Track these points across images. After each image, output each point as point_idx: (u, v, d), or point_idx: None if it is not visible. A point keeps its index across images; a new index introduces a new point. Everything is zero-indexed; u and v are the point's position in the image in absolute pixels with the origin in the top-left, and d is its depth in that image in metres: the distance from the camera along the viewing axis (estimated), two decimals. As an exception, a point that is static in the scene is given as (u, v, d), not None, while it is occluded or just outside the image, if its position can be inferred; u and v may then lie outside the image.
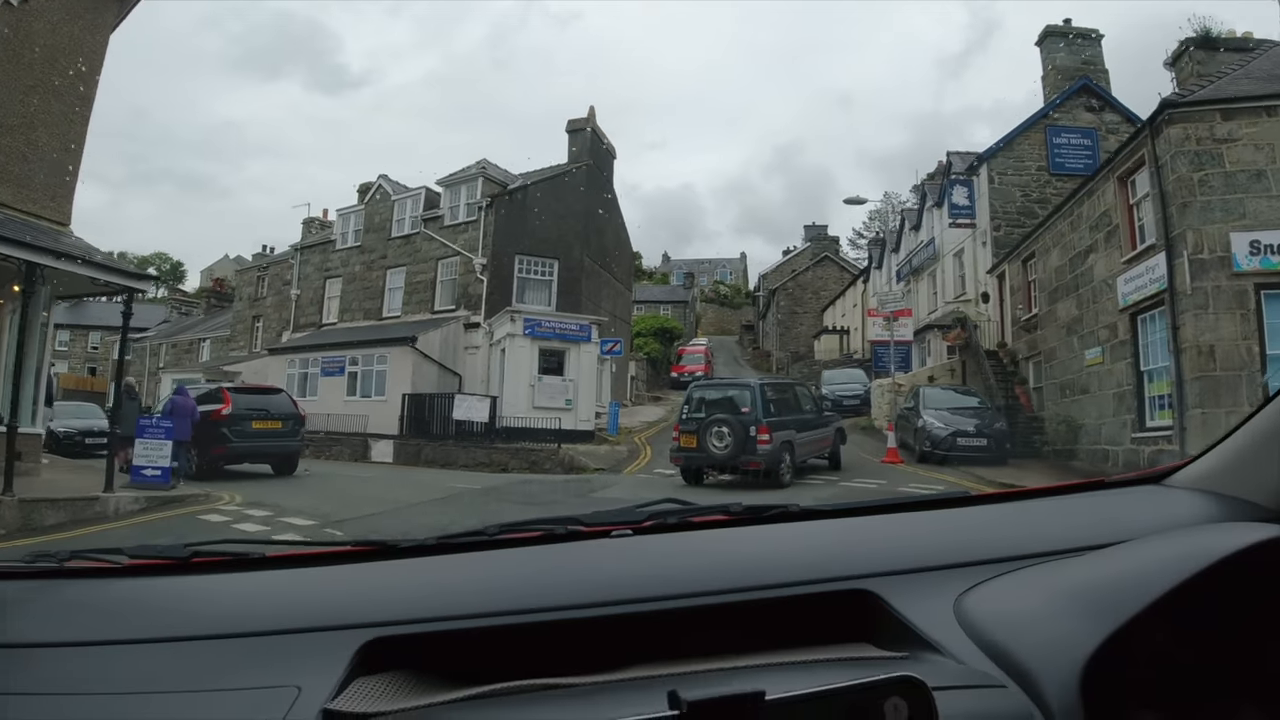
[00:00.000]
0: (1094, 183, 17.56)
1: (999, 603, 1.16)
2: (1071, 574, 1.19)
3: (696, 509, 1.62)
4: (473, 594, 1.23)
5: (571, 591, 1.21)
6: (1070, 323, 18.58)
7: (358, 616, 1.16)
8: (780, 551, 1.39)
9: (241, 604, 1.26)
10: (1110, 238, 16.71)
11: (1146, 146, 15.18)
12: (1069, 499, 1.65)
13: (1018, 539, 1.37)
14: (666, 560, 1.34)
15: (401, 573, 1.38)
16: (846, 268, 55.45)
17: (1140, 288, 15.36)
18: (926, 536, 1.46)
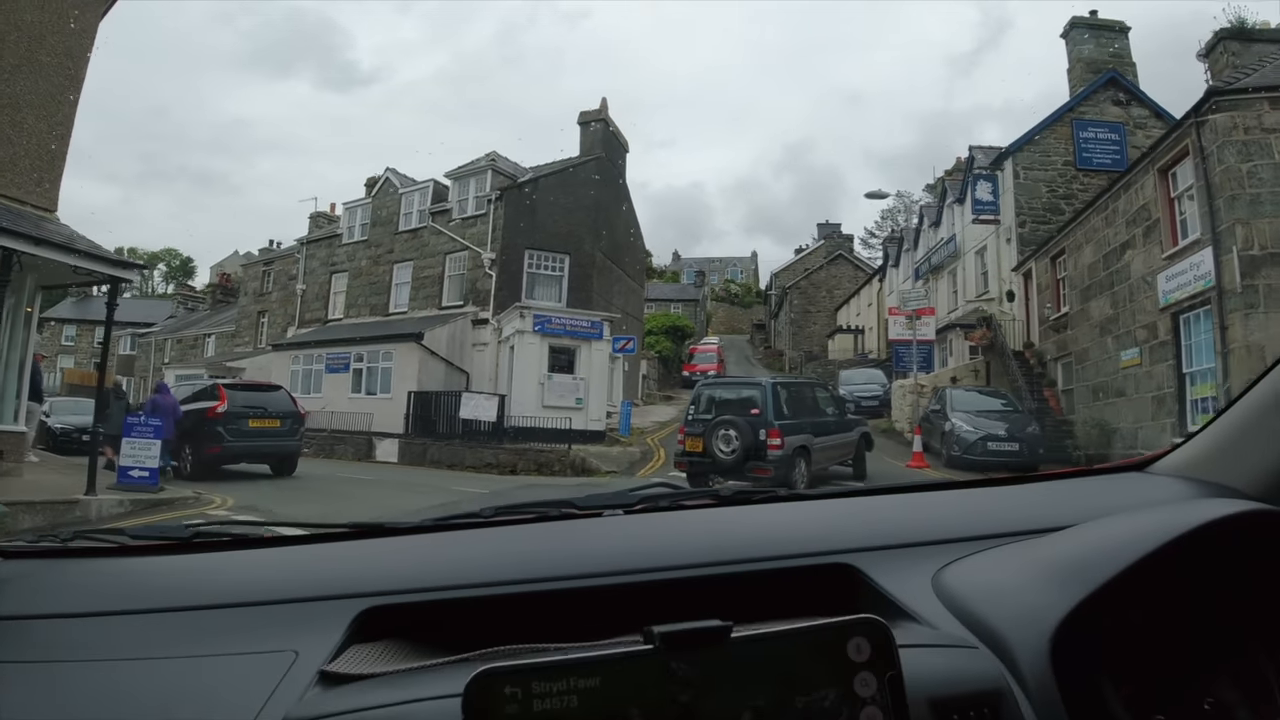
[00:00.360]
0: (1132, 175, 16.78)
1: (975, 576, 1.18)
2: (1047, 549, 1.21)
3: (687, 493, 1.65)
4: (467, 567, 1.25)
5: (563, 564, 1.22)
6: (1104, 322, 17.80)
7: (355, 587, 1.18)
8: (766, 529, 1.41)
9: (242, 577, 1.27)
10: (1150, 233, 15.94)
11: (1191, 137, 14.44)
12: (1052, 484, 1.70)
13: (998, 519, 1.40)
14: (656, 536, 1.37)
15: (399, 547, 1.41)
16: (861, 266, 54.75)
17: (1183, 285, 14.61)
18: (908, 516, 1.48)
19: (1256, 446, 1.37)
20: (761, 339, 64.87)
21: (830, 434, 14.44)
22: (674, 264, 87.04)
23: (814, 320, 52.89)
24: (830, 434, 14.44)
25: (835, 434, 14.72)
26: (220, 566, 1.35)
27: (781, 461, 12.56)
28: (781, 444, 12.60)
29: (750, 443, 12.57)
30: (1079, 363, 19.36)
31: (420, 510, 10.88)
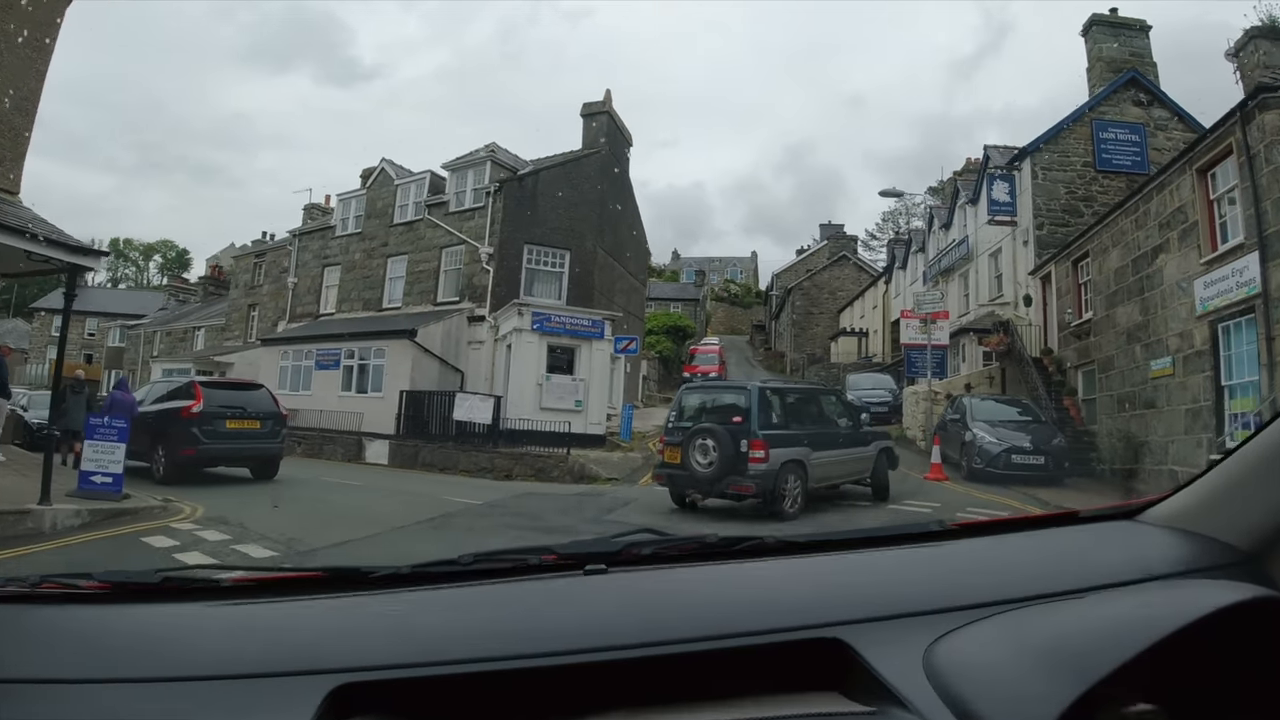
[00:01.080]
0: (1166, 176, 15.89)
1: (967, 655, 1.15)
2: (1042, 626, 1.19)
3: (671, 540, 1.61)
4: (443, 637, 1.21)
5: (543, 637, 1.18)
6: (1132, 329, 16.91)
7: (328, 660, 1.14)
8: (754, 594, 1.36)
9: (211, 641, 1.22)
10: (1185, 236, 15.05)
11: (1235, 135, 13.55)
12: (1042, 535, 1.67)
13: (990, 583, 1.37)
14: (640, 603, 1.33)
15: (373, 609, 1.34)
16: (865, 268, 53.99)
17: (1224, 292, 13.74)
18: (899, 579, 1.43)
19: (1253, 501, 1.37)
20: (762, 340, 64.14)
21: (837, 448, 12.70)
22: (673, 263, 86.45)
23: (816, 322, 52.08)
24: (837, 448, 12.70)
25: (844, 448, 12.91)
26: (190, 625, 1.28)
27: (765, 477, 11.04)
28: (765, 457, 11.08)
29: (730, 455, 11.09)
30: (1103, 371, 18.49)
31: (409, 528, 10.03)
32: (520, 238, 24.27)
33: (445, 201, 26.04)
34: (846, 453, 12.93)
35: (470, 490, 14.34)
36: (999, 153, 25.74)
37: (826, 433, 12.68)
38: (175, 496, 11.59)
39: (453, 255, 25.65)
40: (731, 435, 11.17)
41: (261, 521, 9.71)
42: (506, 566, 1.48)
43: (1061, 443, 16.33)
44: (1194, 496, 1.49)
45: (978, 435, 16.31)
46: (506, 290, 23.53)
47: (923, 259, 34.28)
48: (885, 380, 28.49)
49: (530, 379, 20.76)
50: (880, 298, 42.74)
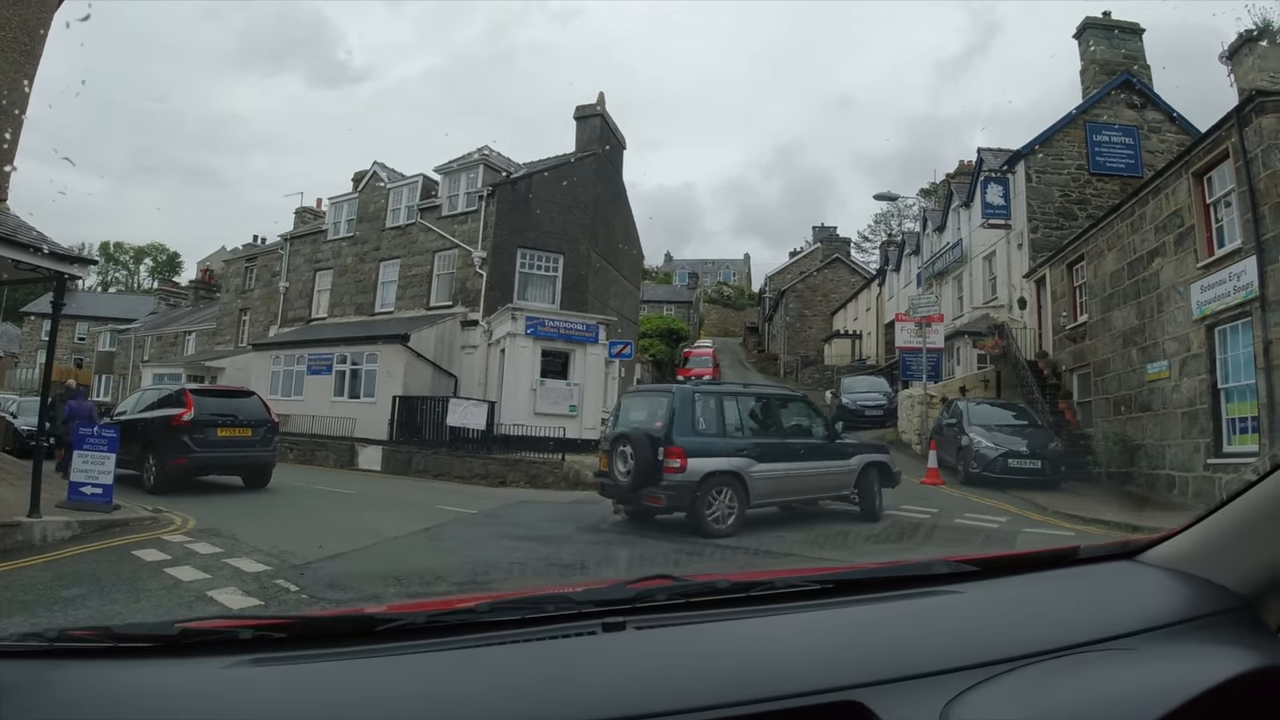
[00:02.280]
0: (1162, 179, 15.85)
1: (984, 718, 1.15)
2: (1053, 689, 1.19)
3: (684, 587, 1.61)
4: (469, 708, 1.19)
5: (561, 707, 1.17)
6: (1128, 333, 16.88)
7: None
8: (772, 655, 1.36)
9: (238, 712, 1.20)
10: (1182, 240, 15.02)
11: (1232, 139, 13.52)
12: (1047, 579, 1.68)
13: (1001, 637, 1.38)
14: (658, 668, 1.31)
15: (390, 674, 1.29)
16: (858, 270, 53.99)
17: (1220, 296, 13.71)
18: (912, 635, 1.44)
19: (1253, 548, 1.41)
20: (755, 342, 64.10)
21: (795, 460, 11.43)
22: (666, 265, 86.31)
23: (810, 324, 52.06)
24: (795, 460, 11.43)
25: (805, 460, 11.57)
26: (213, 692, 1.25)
27: (681, 489, 10.19)
28: (681, 466, 10.23)
29: (645, 463, 10.34)
30: (1098, 374, 18.46)
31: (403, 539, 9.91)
32: (513, 241, 24.11)
33: (438, 205, 25.88)
34: (810, 466, 11.61)
35: (464, 498, 14.22)
36: (993, 155, 25.72)
37: (784, 444, 11.49)
38: (166, 507, 11.44)
39: (446, 259, 25.50)
40: (651, 442, 10.45)
41: (253, 533, 9.57)
42: (522, 617, 1.47)
43: (1058, 446, 16.29)
44: (1195, 540, 1.53)
45: (974, 439, 16.26)
46: (500, 294, 23.37)
47: (916, 261, 34.28)
48: (880, 383, 28.40)
49: (524, 384, 20.63)
50: (874, 300, 42.75)
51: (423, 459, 19.70)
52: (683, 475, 10.21)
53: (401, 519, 11.43)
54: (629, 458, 10.62)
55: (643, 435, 10.58)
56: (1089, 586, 1.61)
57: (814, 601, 1.61)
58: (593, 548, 9.60)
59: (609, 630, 1.42)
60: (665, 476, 10.26)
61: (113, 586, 6.90)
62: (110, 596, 6.53)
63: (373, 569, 8.04)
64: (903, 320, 23.34)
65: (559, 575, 7.95)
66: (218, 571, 7.52)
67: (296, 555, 8.31)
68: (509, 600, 1.53)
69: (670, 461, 10.27)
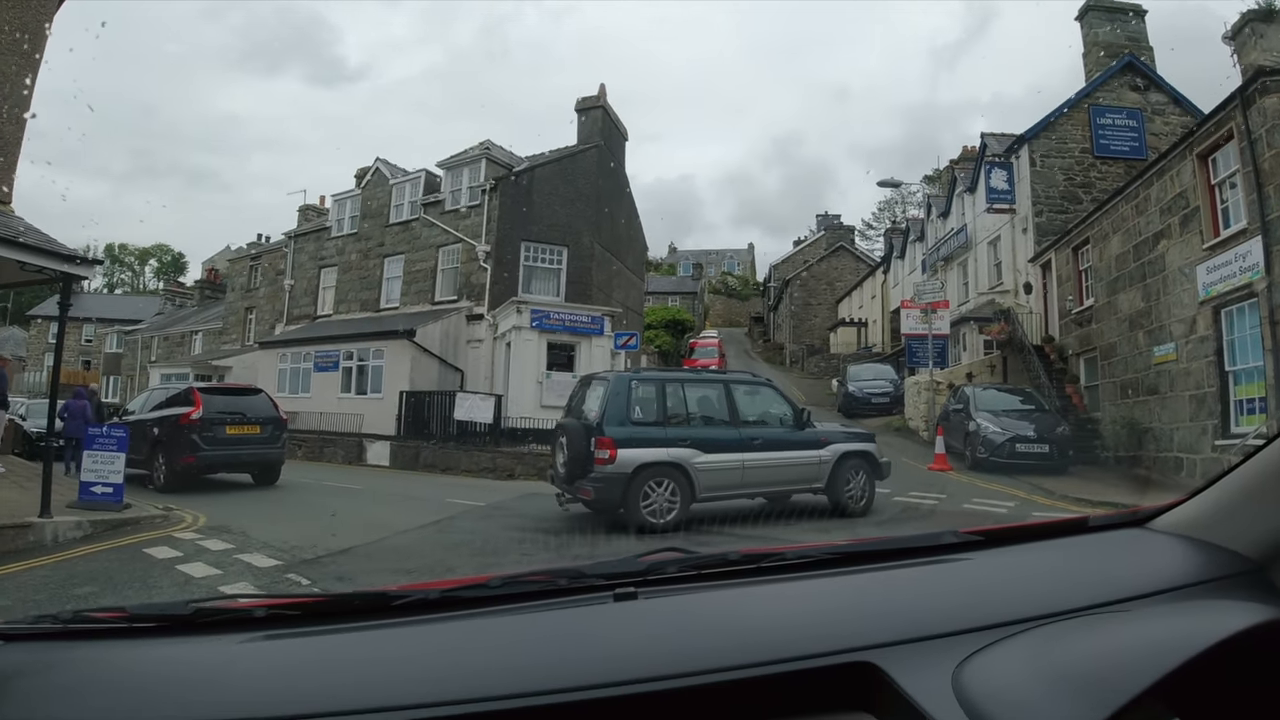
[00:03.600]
0: (1166, 161, 15.79)
1: (994, 677, 1.16)
2: (1065, 648, 1.20)
3: (696, 558, 1.61)
4: (479, 673, 1.20)
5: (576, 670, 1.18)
6: (1135, 316, 16.83)
7: (364, 700, 1.13)
8: (783, 618, 1.37)
9: (245, 680, 1.21)
10: (1187, 222, 14.97)
11: (1236, 120, 13.45)
12: (1057, 546, 1.68)
13: (1011, 600, 1.39)
14: (670, 632, 1.32)
15: (406, 643, 1.33)
16: (863, 258, 53.88)
17: (1226, 277, 13.67)
18: (922, 599, 1.44)
19: (1263, 512, 1.40)
20: (760, 332, 64.03)
21: (756, 450, 10.51)
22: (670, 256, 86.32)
23: (815, 313, 51.99)
24: (756, 450, 10.51)
25: (769, 451, 10.61)
26: (223, 663, 1.27)
27: (609, 482, 9.63)
28: (610, 458, 9.66)
29: (578, 454, 9.92)
30: (1105, 358, 18.41)
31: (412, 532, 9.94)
32: (517, 235, 24.15)
33: (441, 200, 25.92)
34: (770, 456, 10.62)
35: (473, 491, 14.24)
36: (996, 140, 25.66)
37: (734, 433, 10.58)
38: (176, 505, 11.49)
39: (450, 254, 25.54)
40: (585, 432, 9.99)
41: (263, 530, 9.63)
42: (535, 590, 1.48)
43: (1065, 431, 16.26)
44: (1204, 505, 1.52)
45: (981, 425, 16.23)
46: (504, 288, 23.42)
47: (921, 248, 34.20)
48: (886, 370, 28.35)
49: (530, 377, 20.67)
50: (879, 287, 42.66)
51: (430, 453, 19.75)
52: (612, 467, 9.67)
53: (410, 513, 11.47)
54: (563, 449, 10.31)
55: (578, 426, 10.22)
56: (1098, 553, 1.61)
57: (824, 571, 1.61)
58: (602, 538, 9.61)
59: (620, 600, 1.43)
60: (595, 468, 9.76)
61: (125, 584, 6.95)
62: (122, 594, 6.57)
63: (383, 562, 8.08)
64: (908, 307, 23.25)
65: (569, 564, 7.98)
66: (229, 567, 7.57)
67: (307, 550, 8.36)
68: (521, 575, 1.54)
69: (599, 452, 9.75)
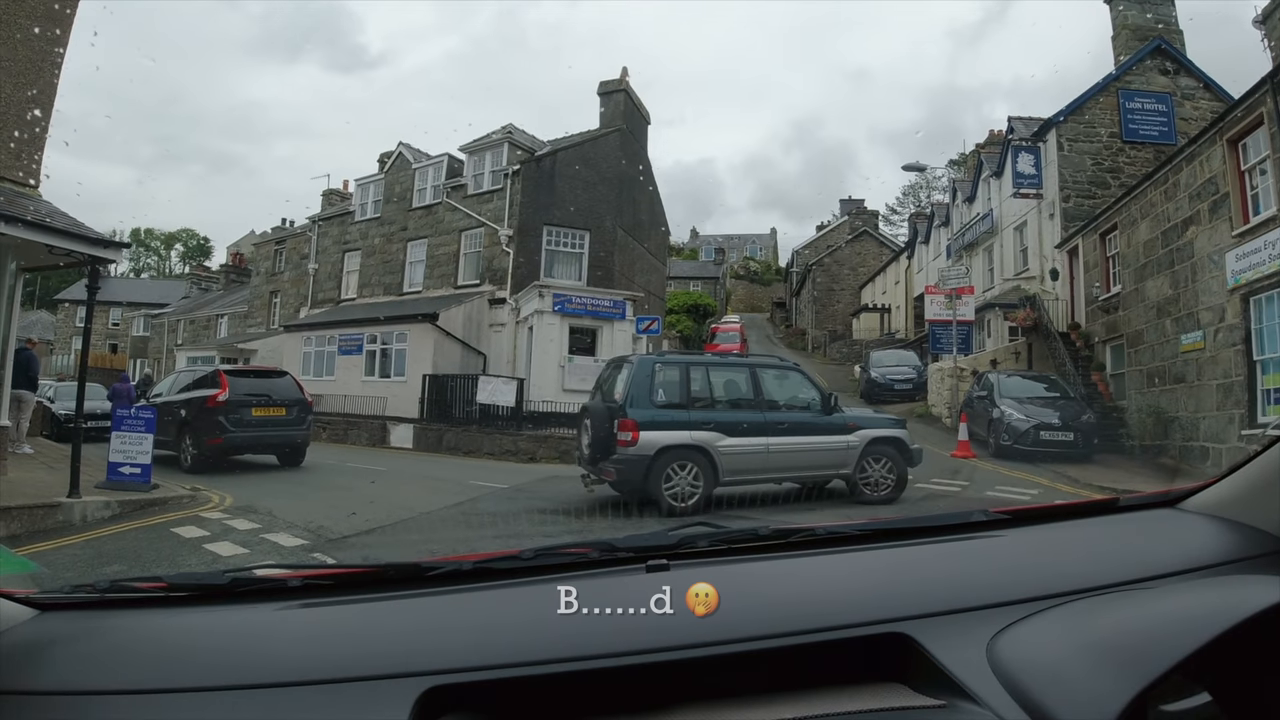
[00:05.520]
0: (1196, 147, 15.55)
1: (1030, 650, 1.17)
2: (1099, 622, 1.21)
3: (726, 532, 1.63)
4: (522, 637, 1.23)
5: (613, 638, 1.20)
6: (1162, 303, 16.64)
7: (414, 663, 1.16)
8: (817, 589, 1.39)
9: (292, 648, 1.24)
10: (1216, 208, 14.75)
11: (1266, 104, 13.23)
12: (1089, 524, 1.70)
13: (1044, 575, 1.39)
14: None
15: (448, 609, 1.36)
16: (886, 243, 53.40)
17: (1256, 265, 13.47)
18: (956, 572, 1.45)
19: None
20: (782, 317, 63.82)
21: (782, 434, 10.48)
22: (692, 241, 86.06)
23: (838, 298, 51.65)
24: (782, 434, 10.48)
25: (795, 435, 10.57)
26: (266, 629, 1.30)
27: (630, 463, 9.72)
28: (632, 440, 9.74)
29: (601, 436, 10.04)
30: (1131, 346, 18.22)
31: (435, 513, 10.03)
32: (539, 219, 24.18)
33: (464, 184, 25.96)
34: (796, 441, 10.57)
35: (495, 474, 14.34)
36: (1023, 124, 25.32)
37: (759, 417, 10.57)
38: (203, 485, 11.66)
39: (472, 238, 25.60)
40: (609, 414, 10.10)
41: (290, 510, 9.75)
42: (567, 562, 1.50)
43: (1090, 419, 16.11)
44: (1234, 486, 1.54)
45: (1005, 412, 16.10)
46: (527, 272, 23.49)
47: (946, 233, 33.89)
48: (909, 357, 28.17)
49: (552, 361, 20.73)
50: (902, 273, 42.34)
51: (453, 436, 19.86)
52: (635, 449, 9.74)
53: (434, 494, 11.58)
54: (589, 430, 10.39)
55: (602, 408, 10.35)
56: (1130, 531, 1.62)
57: (855, 547, 1.62)
58: (625, 520, 9.62)
59: (652, 571, 1.43)
60: (617, 450, 9.85)
61: (153, 562, 7.07)
62: (151, 571, 6.67)
63: (407, 542, 8.16)
64: (932, 293, 23.11)
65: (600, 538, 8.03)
66: (256, 547, 7.68)
67: (331, 530, 8.46)
68: (554, 548, 1.55)
69: (622, 434, 9.84)
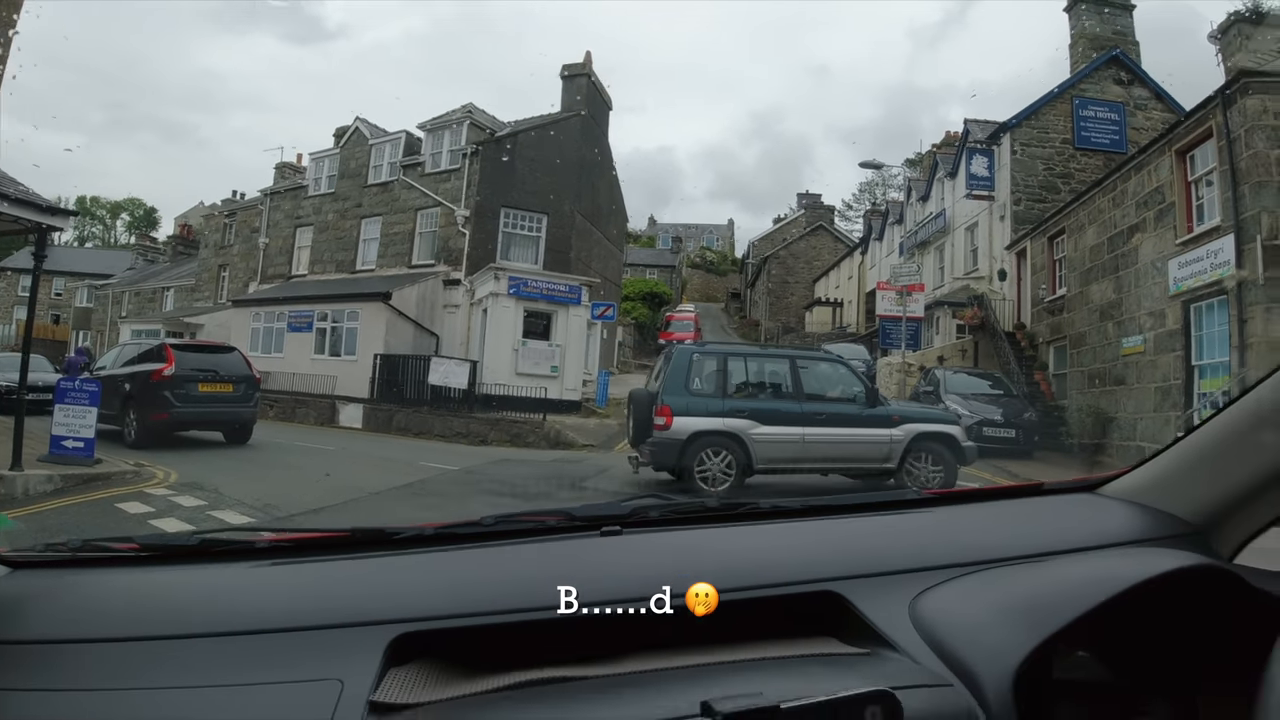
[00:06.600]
0: (1145, 156, 15.98)
1: (948, 608, 1.29)
2: (1011, 584, 1.34)
3: (676, 504, 1.69)
4: (484, 590, 1.30)
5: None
6: (1106, 307, 17.10)
7: (385, 612, 1.21)
8: (759, 554, 1.47)
9: (265, 599, 1.28)
10: (1162, 217, 15.20)
11: (1216, 118, 13.63)
12: (1013, 504, 1.83)
13: (966, 545, 1.50)
14: (654, 562, 1.40)
15: (413, 566, 1.42)
16: (841, 238, 54.04)
17: (1198, 273, 13.91)
18: (885, 540, 1.56)
19: (1203, 480, 1.52)
20: (737, 308, 64.23)
21: (818, 425, 10.58)
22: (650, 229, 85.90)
23: (792, 291, 52.17)
24: (818, 425, 10.58)
25: (832, 426, 10.63)
26: (239, 584, 1.34)
27: (663, 447, 10.20)
28: (667, 425, 10.15)
29: (641, 420, 10.51)
30: (1074, 347, 18.71)
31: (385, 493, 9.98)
32: (497, 201, 24.02)
33: (421, 162, 25.67)
34: (833, 433, 10.64)
35: (446, 456, 14.29)
36: (979, 126, 25.77)
37: (796, 407, 10.73)
38: (147, 461, 11.42)
39: (428, 217, 25.36)
40: (648, 399, 10.59)
41: (236, 487, 9.62)
42: (526, 528, 1.56)
43: (1032, 416, 16.53)
44: (1150, 473, 1.63)
45: (950, 407, 16.42)
46: (483, 254, 23.33)
47: (899, 231, 34.37)
48: (860, 351, 28.44)
49: (506, 344, 20.62)
50: (856, 269, 42.85)
51: (404, 417, 19.71)
52: (668, 433, 10.16)
53: (382, 474, 11.53)
54: (632, 414, 10.95)
55: (644, 393, 10.86)
56: (1049, 512, 1.70)
57: (797, 519, 1.71)
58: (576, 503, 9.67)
59: (605, 536, 1.52)
60: (653, 433, 10.31)
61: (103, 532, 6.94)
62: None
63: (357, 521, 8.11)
64: (884, 288, 23.48)
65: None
66: (203, 523, 7.56)
67: (279, 508, 8.39)
68: (513, 515, 1.62)
69: (657, 419, 10.27)
